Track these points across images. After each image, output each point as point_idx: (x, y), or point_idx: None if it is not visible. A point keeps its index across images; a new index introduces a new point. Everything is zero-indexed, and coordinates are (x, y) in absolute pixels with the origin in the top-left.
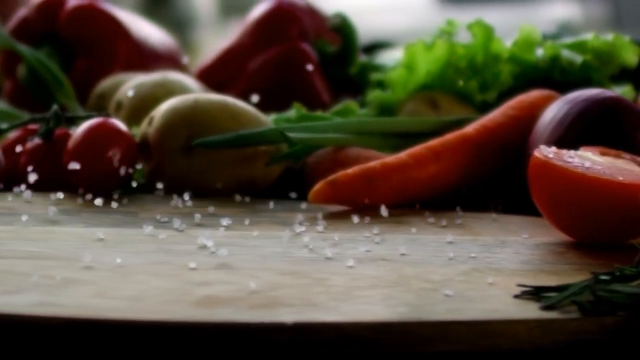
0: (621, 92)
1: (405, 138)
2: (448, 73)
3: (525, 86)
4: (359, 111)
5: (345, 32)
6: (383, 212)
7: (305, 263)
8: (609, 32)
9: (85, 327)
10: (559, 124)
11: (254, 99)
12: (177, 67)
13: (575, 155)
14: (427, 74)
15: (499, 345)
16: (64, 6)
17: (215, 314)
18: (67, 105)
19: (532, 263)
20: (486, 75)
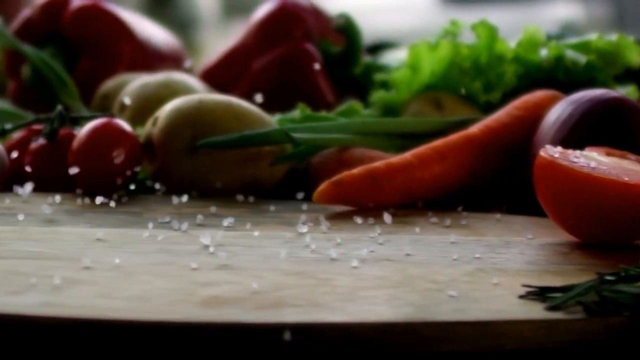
0: (625, 93)
1: (409, 138)
2: (452, 73)
3: (530, 86)
4: (363, 111)
5: (350, 32)
6: (386, 219)
7: (310, 263)
8: (612, 32)
9: (90, 327)
10: (564, 124)
11: (258, 98)
12: (181, 68)
13: (581, 155)
14: (432, 74)
15: (504, 345)
16: (68, 6)
17: (221, 315)
18: (71, 106)
19: (537, 263)
20: (490, 76)
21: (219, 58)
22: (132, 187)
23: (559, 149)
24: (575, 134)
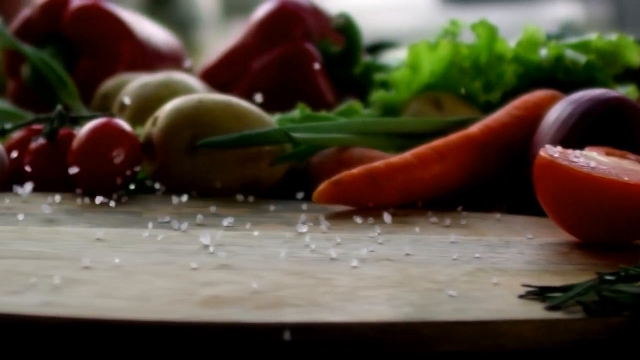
0: (625, 93)
1: (409, 138)
2: (452, 73)
3: (530, 86)
4: (363, 111)
5: (350, 32)
6: (387, 219)
7: (310, 263)
8: (612, 32)
9: (90, 327)
10: (564, 124)
11: (258, 98)
12: (181, 68)
13: (581, 155)
14: (432, 74)
15: (504, 345)
16: (68, 6)
17: (221, 315)
18: (71, 106)
19: (537, 263)
20: (490, 76)
21: (219, 58)
22: (132, 187)
23: (559, 149)
24: (575, 134)
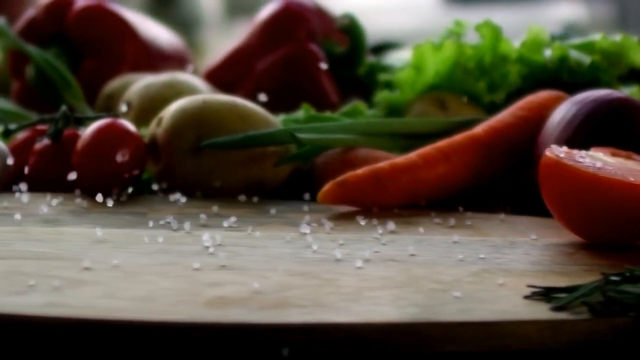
0: (629, 93)
1: (413, 139)
2: (456, 74)
3: (534, 87)
4: (367, 112)
5: (354, 32)
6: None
7: (315, 264)
8: (615, 32)
9: (95, 328)
10: (568, 124)
11: (262, 98)
12: (185, 68)
13: (587, 155)
14: (436, 74)
15: (509, 346)
16: (72, 7)
17: (226, 315)
18: (75, 106)
19: (542, 264)
20: (494, 76)
21: (223, 58)
22: (136, 187)
23: (565, 149)
24: (580, 134)
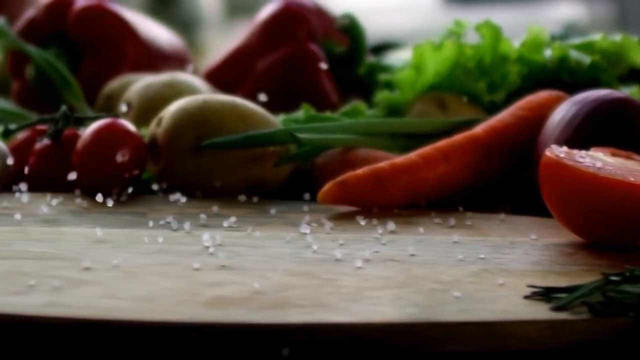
0: (629, 93)
1: (413, 139)
2: (456, 74)
3: (534, 87)
4: (367, 112)
5: (354, 32)
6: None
7: (314, 264)
8: (615, 32)
9: (95, 328)
10: (568, 124)
11: (262, 98)
12: (185, 68)
13: (587, 155)
14: (436, 74)
15: (509, 346)
16: (72, 7)
17: (226, 315)
18: (75, 106)
19: (542, 264)
20: (494, 76)
21: (223, 58)
22: (136, 187)
23: (565, 149)
24: (580, 134)
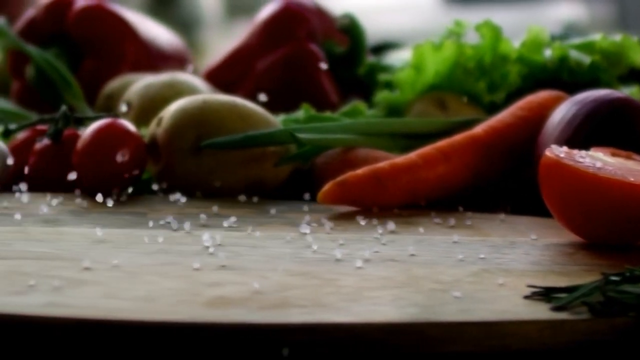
0: (629, 93)
1: (413, 139)
2: (456, 74)
3: (534, 87)
4: (367, 112)
5: (354, 32)
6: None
7: (315, 264)
8: (615, 32)
9: (95, 328)
10: (568, 124)
11: (262, 98)
12: (185, 68)
13: (587, 155)
14: (436, 74)
15: (509, 346)
16: (72, 7)
17: (227, 315)
18: (75, 106)
19: (542, 264)
20: (494, 76)
21: (223, 58)
22: (136, 187)
23: (565, 149)
24: (580, 134)
